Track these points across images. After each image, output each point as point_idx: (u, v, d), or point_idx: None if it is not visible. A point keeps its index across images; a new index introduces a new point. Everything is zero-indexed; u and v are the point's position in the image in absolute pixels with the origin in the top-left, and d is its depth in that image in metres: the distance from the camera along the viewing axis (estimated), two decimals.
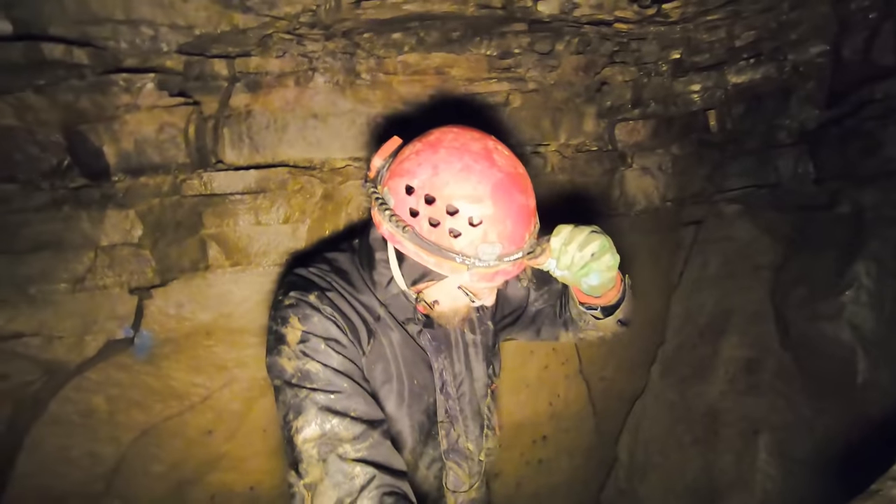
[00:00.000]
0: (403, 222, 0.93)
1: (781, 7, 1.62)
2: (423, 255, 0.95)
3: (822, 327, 1.75)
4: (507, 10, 1.40)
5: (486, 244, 0.91)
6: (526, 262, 0.98)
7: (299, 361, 0.97)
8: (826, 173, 1.89)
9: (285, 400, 0.96)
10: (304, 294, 1.02)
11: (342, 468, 0.89)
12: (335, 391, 0.95)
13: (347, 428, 0.92)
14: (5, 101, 1.21)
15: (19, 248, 1.27)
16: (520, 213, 0.95)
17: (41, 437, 1.40)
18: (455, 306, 1.05)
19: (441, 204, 0.91)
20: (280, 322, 1.01)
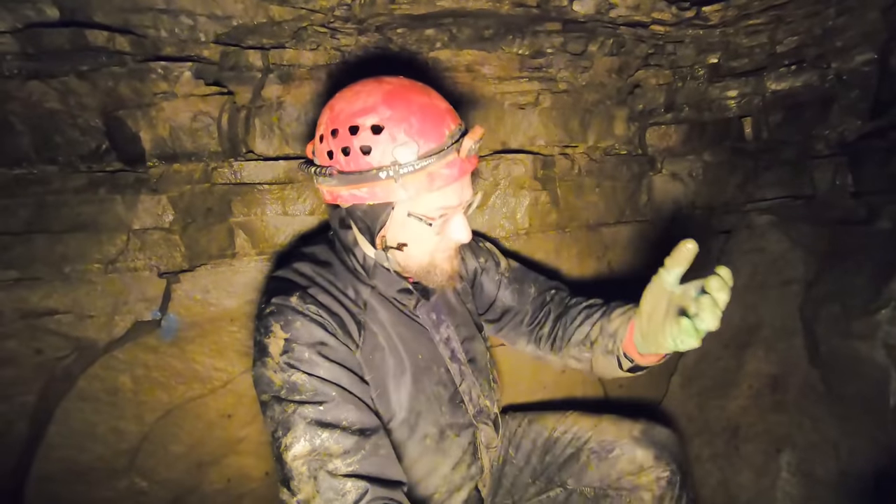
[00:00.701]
0: (327, 167, 0.97)
1: (828, 13, 1.56)
2: (357, 193, 0.96)
3: (855, 346, 1.69)
4: (541, 8, 1.39)
5: (399, 146, 0.91)
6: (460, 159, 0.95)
7: (284, 374, 0.95)
8: (866, 187, 1.81)
9: (273, 416, 0.95)
10: (286, 298, 1.01)
11: (333, 485, 0.88)
12: (323, 401, 0.94)
13: (338, 441, 0.91)
14: (50, 85, 1.25)
15: (57, 227, 1.31)
16: (424, 110, 0.94)
17: (70, 411, 1.45)
18: (426, 249, 1.04)
19: (343, 130, 0.94)
20: (263, 332, 1.00)
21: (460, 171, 0.96)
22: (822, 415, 1.82)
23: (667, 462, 1.25)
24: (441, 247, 1.06)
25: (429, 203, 0.98)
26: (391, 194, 0.95)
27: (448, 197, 0.99)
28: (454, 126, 0.98)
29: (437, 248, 1.06)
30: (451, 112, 1.00)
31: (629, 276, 2.03)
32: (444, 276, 1.09)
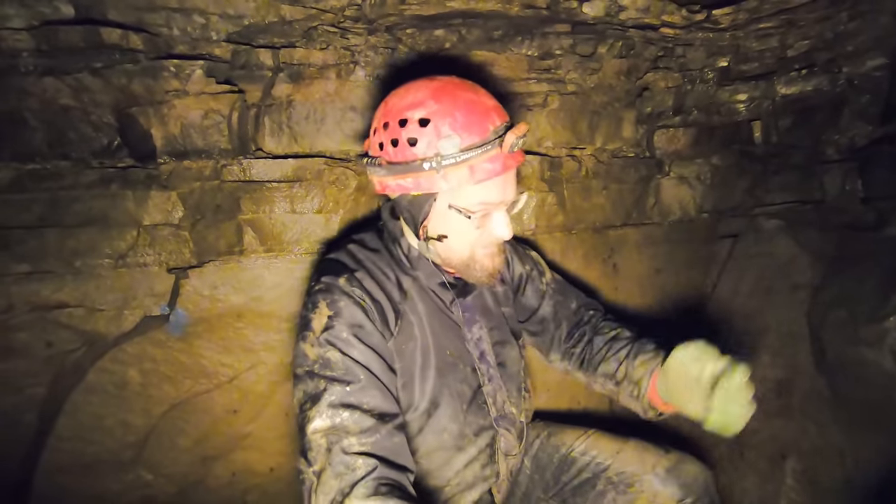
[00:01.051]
0: (377, 158, 1.03)
1: (839, 17, 1.55)
2: (402, 183, 1.01)
3: (862, 353, 1.68)
4: (551, 10, 1.39)
5: (443, 139, 0.95)
6: (503, 154, 0.97)
7: (321, 349, 1.00)
8: (875, 192, 1.80)
9: (305, 389, 0.99)
10: (335, 278, 1.06)
11: (344, 460, 0.91)
12: (351, 382, 0.98)
13: (357, 422, 0.95)
14: (64, 81, 1.27)
15: (69, 222, 1.33)
16: (470, 106, 0.98)
17: (79, 403, 1.46)
18: (466, 242, 1.06)
19: (393, 123, 1.00)
20: (310, 307, 1.06)
21: (503, 166, 0.98)
22: (827, 421, 1.81)
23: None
24: (482, 242, 1.07)
25: (470, 196, 1.00)
26: (433, 185, 0.98)
27: (489, 192, 1.00)
28: (499, 122, 1.00)
29: (478, 243, 1.07)
30: (497, 109, 1.02)
31: (635, 279, 2.03)
32: (485, 273, 1.09)
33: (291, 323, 1.57)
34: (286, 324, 1.58)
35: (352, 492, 0.89)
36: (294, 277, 1.55)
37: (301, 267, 1.55)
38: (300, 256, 1.54)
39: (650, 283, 2.08)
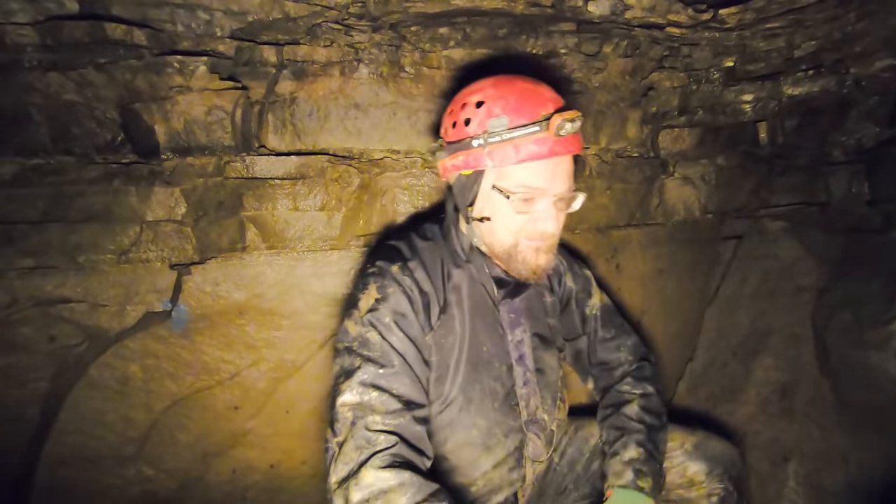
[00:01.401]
0: (440, 141, 1.10)
1: (848, 17, 1.53)
2: (455, 163, 1.07)
3: (867, 356, 1.67)
4: (556, 8, 1.38)
5: (493, 118, 1.00)
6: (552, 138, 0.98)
7: (363, 328, 1.04)
8: (882, 194, 1.79)
9: (342, 363, 1.04)
10: (389, 264, 1.10)
11: (366, 435, 0.95)
12: (385, 365, 1.01)
13: (384, 403, 0.98)
14: (69, 76, 1.27)
15: (72, 217, 1.34)
16: (525, 93, 1.02)
17: (81, 398, 1.47)
18: (509, 228, 1.07)
19: (456, 108, 1.08)
20: (361, 287, 1.10)
21: (550, 150, 0.99)
22: (831, 424, 1.80)
23: (719, 478, 1.20)
24: (526, 232, 1.06)
25: (513, 177, 1.02)
26: (480, 162, 1.02)
27: (532, 175, 1.01)
28: (553, 109, 1.01)
29: (522, 233, 1.06)
30: (555, 101, 1.04)
31: (638, 279, 2.02)
32: (527, 268, 1.08)
33: (293, 320, 1.58)
34: (287, 321, 1.58)
35: (368, 461, 0.92)
36: (296, 275, 1.55)
37: (303, 264, 1.55)
38: (302, 254, 1.54)
39: (653, 284, 2.07)
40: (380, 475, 0.91)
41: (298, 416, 1.67)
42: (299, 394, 1.65)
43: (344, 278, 1.58)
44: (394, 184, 1.57)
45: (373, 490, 0.90)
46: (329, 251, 1.55)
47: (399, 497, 0.89)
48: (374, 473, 0.91)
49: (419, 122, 1.57)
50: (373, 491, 0.90)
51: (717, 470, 1.21)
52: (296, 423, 1.66)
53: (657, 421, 1.25)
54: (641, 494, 1.13)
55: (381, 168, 1.57)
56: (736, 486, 1.22)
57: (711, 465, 1.21)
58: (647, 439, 1.20)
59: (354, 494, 0.90)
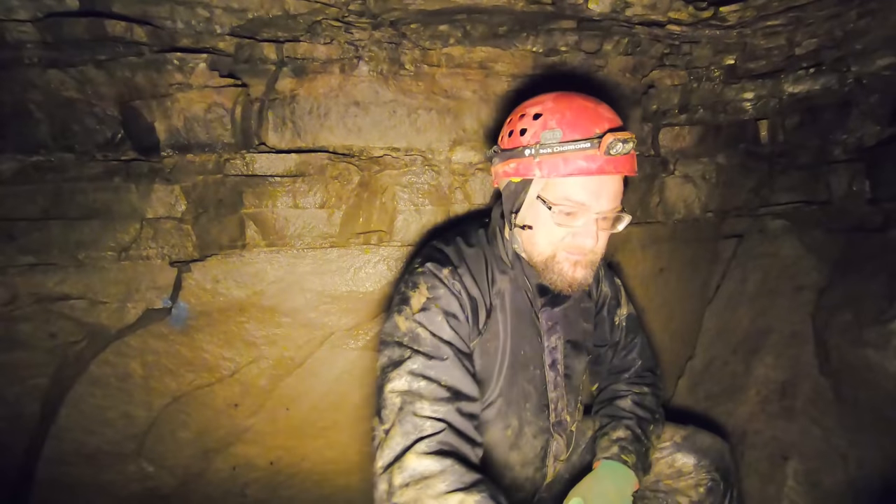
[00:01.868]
0: (496, 147, 1.13)
1: (849, 15, 1.53)
2: (507, 169, 1.09)
3: (867, 355, 1.66)
4: (556, 6, 1.38)
5: (547, 130, 1.02)
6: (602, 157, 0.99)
7: (413, 325, 1.05)
8: (883, 193, 1.78)
9: (391, 354, 1.05)
10: (439, 267, 1.12)
11: (414, 421, 0.96)
12: (435, 357, 1.03)
13: (432, 392, 0.99)
14: (69, 73, 1.27)
15: (73, 214, 1.34)
16: (582, 110, 1.04)
17: (81, 395, 1.48)
18: (549, 239, 1.08)
19: (515, 117, 1.11)
20: (411, 286, 1.11)
21: (598, 167, 0.99)
22: (831, 423, 1.80)
23: (707, 469, 1.26)
24: (566, 244, 1.07)
25: (557, 189, 1.04)
26: (529, 171, 1.04)
27: (577, 190, 1.02)
28: (607, 129, 1.02)
29: (562, 245, 1.07)
30: (612, 121, 1.05)
31: (638, 278, 2.02)
32: (563, 280, 1.09)
33: (293, 318, 1.58)
34: (287, 318, 1.58)
35: (413, 447, 0.93)
36: (296, 272, 1.55)
37: (303, 262, 1.55)
38: (302, 251, 1.54)
39: (653, 282, 2.07)
40: (423, 461, 0.91)
41: (298, 413, 1.67)
42: (299, 391, 1.65)
43: (344, 276, 1.58)
44: (394, 182, 1.57)
45: (414, 475, 0.90)
46: (329, 249, 1.56)
47: (439, 483, 0.89)
48: (418, 459, 0.91)
49: (419, 119, 1.57)
50: (414, 475, 0.90)
51: (705, 461, 1.27)
52: (296, 420, 1.67)
53: (649, 415, 1.32)
54: (625, 467, 1.18)
55: (381, 166, 1.57)
56: (723, 477, 1.27)
57: (699, 456, 1.27)
58: (635, 425, 1.28)
59: (397, 478, 0.90)
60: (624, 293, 1.46)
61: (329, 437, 1.70)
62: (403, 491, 0.89)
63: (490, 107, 1.63)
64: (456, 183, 1.63)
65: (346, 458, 1.74)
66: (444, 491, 0.88)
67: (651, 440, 1.28)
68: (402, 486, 0.90)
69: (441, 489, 0.88)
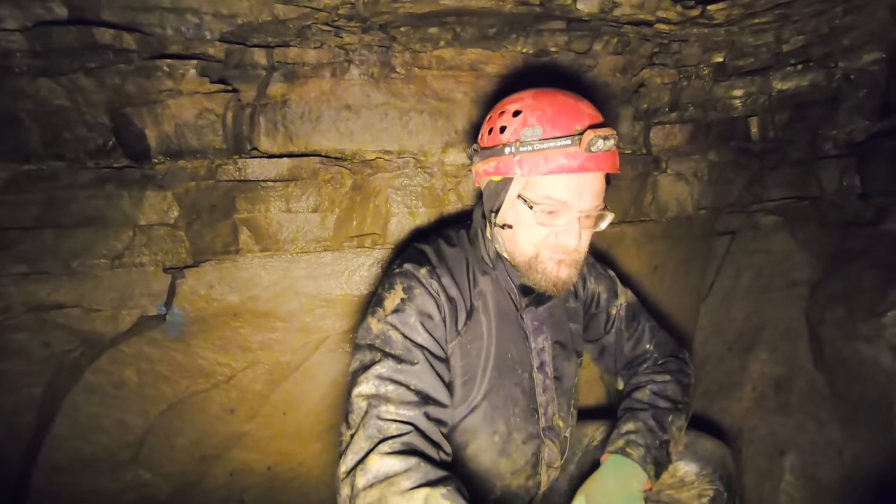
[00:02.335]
0: (476, 146, 1.12)
1: (835, 11, 1.54)
2: (486, 168, 1.07)
3: (860, 349, 1.67)
4: (544, 7, 1.39)
5: (527, 127, 1.00)
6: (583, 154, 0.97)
7: (385, 326, 1.04)
8: (873, 188, 1.80)
9: (361, 358, 1.04)
10: (416, 268, 1.10)
11: (378, 424, 0.94)
12: (405, 361, 1.01)
13: (400, 395, 0.98)
14: (58, 82, 1.27)
15: (65, 222, 1.34)
16: (562, 106, 1.02)
17: (77, 403, 1.47)
18: (530, 239, 1.06)
19: (494, 115, 1.10)
20: (386, 287, 1.10)
21: (580, 165, 0.98)
22: (826, 418, 1.81)
23: (710, 479, 1.21)
24: (548, 244, 1.05)
25: (539, 188, 1.02)
26: (509, 169, 1.02)
27: (558, 188, 1.00)
28: (588, 125, 1.01)
29: (545, 245, 1.05)
30: (593, 117, 1.03)
31: (632, 276, 2.03)
32: (547, 280, 1.07)
33: (288, 322, 1.58)
34: (282, 323, 1.58)
35: (375, 448, 0.91)
36: (290, 276, 1.55)
37: (297, 266, 1.56)
38: (296, 256, 1.54)
39: (648, 281, 2.08)
40: (386, 460, 0.89)
41: (295, 417, 1.67)
42: (296, 395, 1.65)
43: (338, 279, 1.59)
44: (386, 184, 1.58)
45: (378, 475, 0.88)
46: (323, 252, 1.56)
47: (403, 480, 0.87)
48: (381, 459, 0.89)
49: (411, 122, 1.57)
50: (378, 476, 0.88)
51: (708, 470, 1.21)
52: (293, 424, 1.67)
53: (669, 404, 1.24)
54: (629, 461, 1.12)
55: (374, 169, 1.57)
56: (726, 487, 1.22)
57: (702, 465, 1.22)
58: (649, 416, 1.20)
59: (360, 480, 0.89)
60: (620, 285, 1.44)
61: (326, 441, 1.70)
62: (367, 492, 0.87)
63: (482, 108, 1.63)
64: (449, 185, 1.64)
65: None
66: (409, 487, 0.86)
67: (671, 431, 1.19)
68: (365, 488, 0.88)
69: (406, 486, 0.86)
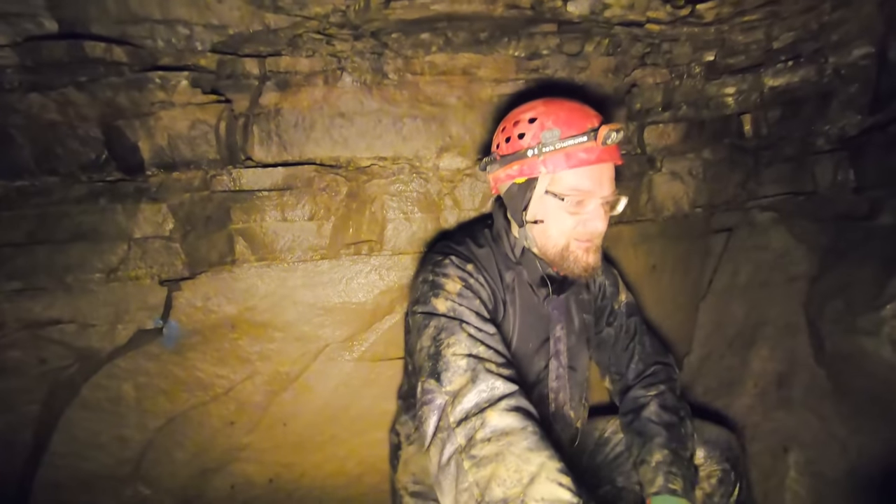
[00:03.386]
0: (493, 155, 1.20)
1: (823, 7, 1.55)
2: (510, 172, 1.16)
3: (860, 343, 1.67)
4: (535, 10, 1.39)
5: (545, 130, 1.11)
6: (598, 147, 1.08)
7: (454, 304, 1.09)
8: (867, 181, 1.80)
9: (438, 325, 1.06)
10: (464, 263, 1.18)
11: (487, 379, 0.97)
12: (483, 331, 1.07)
13: (493, 357, 1.02)
14: (49, 97, 1.27)
15: (59, 237, 1.33)
16: (572, 109, 1.14)
17: (74, 420, 1.46)
18: (561, 230, 1.14)
19: (508, 125, 1.18)
20: (441, 275, 1.15)
21: (597, 157, 1.09)
22: (829, 413, 1.80)
23: (717, 460, 1.28)
24: (577, 234, 1.14)
25: (564, 182, 1.11)
26: (535, 170, 1.12)
27: (582, 180, 1.10)
28: (598, 123, 1.12)
29: (574, 234, 1.14)
30: (598, 117, 1.15)
31: (631, 276, 2.02)
32: (579, 266, 1.15)
33: (286, 332, 1.57)
34: (280, 333, 1.57)
35: (495, 404, 0.93)
36: (287, 286, 1.54)
37: (294, 275, 1.55)
38: (293, 264, 1.54)
39: (647, 280, 2.07)
40: (505, 417, 0.92)
41: (296, 428, 1.66)
42: (296, 406, 1.64)
43: (336, 287, 1.58)
44: (382, 191, 1.57)
45: (496, 430, 0.91)
46: (319, 261, 1.55)
47: (521, 440, 0.89)
48: (500, 415, 0.92)
49: (405, 128, 1.57)
50: (496, 431, 0.91)
51: (715, 452, 1.28)
52: (293, 435, 1.65)
53: (675, 417, 1.29)
54: (675, 497, 1.16)
55: (369, 175, 1.57)
56: (733, 467, 1.29)
57: (709, 448, 1.29)
58: (669, 439, 1.24)
59: (479, 433, 0.91)
60: (621, 282, 1.49)
61: (327, 451, 1.69)
62: (485, 445, 0.89)
63: (475, 112, 1.63)
64: (445, 189, 1.63)
65: (344, 472, 1.72)
66: (526, 448, 0.88)
67: (687, 443, 1.25)
68: (483, 441, 0.90)
69: (524, 446, 0.88)
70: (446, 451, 0.92)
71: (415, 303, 1.15)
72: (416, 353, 1.09)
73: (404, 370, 1.47)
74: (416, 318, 1.12)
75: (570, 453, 1.35)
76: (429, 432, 0.96)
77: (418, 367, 1.06)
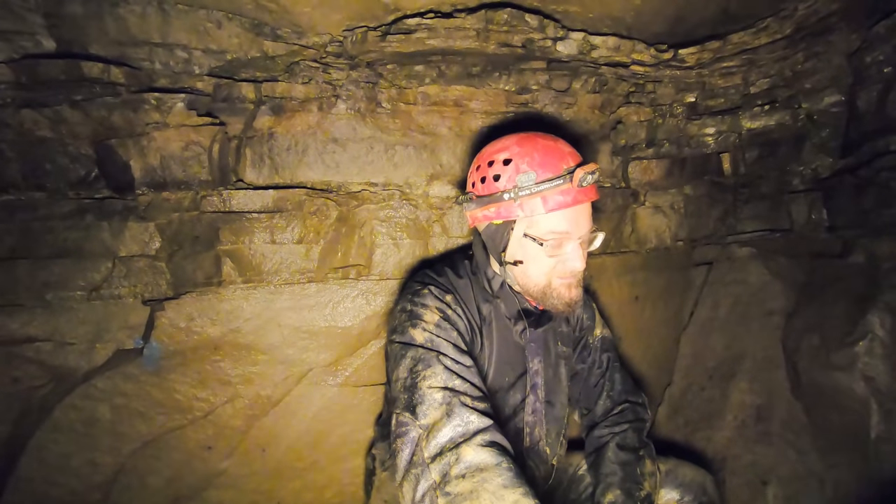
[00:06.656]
0: (470, 194, 1.18)
1: (796, 57, 1.65)
2: (486, 213, 1.15)
3: (835, 378, 1.71)
4: (526, 48, 1.45)
5: (521, 174, 1.09)
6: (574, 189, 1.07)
7: (431, 335, 1.09)
8: (840, 221, 1.87)
9: (415, 356, 1.06)
10: (443, 293, 1.18)
11: (462, 413, 0.97)
12: (460, 363, 1.07)
13: (469, 389, 1.02)
14: (42, 113, 1.27)
15: (41, 253, 1.31)
16: (547, 149, 1.12)
17: (44, 443, 1.41)
18: (541, 270, 1.14)
19: (483, 164, 1.16)
20: (420, 305, 1.15)
21: (573, 199, 1.09)
22: (806, 447, 1.83)
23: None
24: (558, 271, 1.14)
25: (542, 225, 1.11)
26: (511, 213, 1.11)
27: (560, 222, 1.10)
28: (573, 164, 1.12)
29: (554, 273, 1.14)
30: (573, 155, 1.14)
31: (614, 306, 2.06)
32: (562, 302, 1.15)
33: (270, 355, 1.55)
34: (264, 356, 1.55)
35: (470, 439, 0.93)
36: (273, 308, 1.53)
37: (281, 298, 1.54)
38: (280, 287, 1.53)
39: (629, 311, 2.11)
40: (480, 453, 0.92)
41: (275, 454, 1.62)
42: (276, 431, 1.61)
43: (322, 311, 1.57)
44: (372, 216, 1.59)
45: (471, 466, 0.91)
46: (307, 284, 1.55)
47: (496, 477, 0.89)
48: (475, 451, 0.92)
49: (396, 155, 1.60)
50: (470, 467, 0.91)
51: (688, 497, 1.28)
52: (272, 461, 1.62)
53: (632, 456, 1.29)
54: None
55: (359, 201, 1.59)
56: None
57: (683, 491, 1.28)
58: (623, 479, 1.25)
59: (454, 469, 0.91)
60: (598, 316, 1.50)
61: (306, 479, 1.65)
62: (460, 482, 0.89)
63: (466, 142, 1.67)
64: (434, 216, 1.66)
65: (322, 500, 1.68)
66: (501, 485, 0.88)
67: (643, 482, 1.25)
68: (458, 477, 0.90)
69: (499, 483, 0.88)
70: (420, 488, 0.91)
71: (392, 332, 1.15)
72: (392, 382, 1.09)
73: (385, 397, 1.45)
74: (393, 347, 1.12)
75: (545, 490, 1.34)
76: (402, 466, 0.96)
77: (394, 397, 1.06)
